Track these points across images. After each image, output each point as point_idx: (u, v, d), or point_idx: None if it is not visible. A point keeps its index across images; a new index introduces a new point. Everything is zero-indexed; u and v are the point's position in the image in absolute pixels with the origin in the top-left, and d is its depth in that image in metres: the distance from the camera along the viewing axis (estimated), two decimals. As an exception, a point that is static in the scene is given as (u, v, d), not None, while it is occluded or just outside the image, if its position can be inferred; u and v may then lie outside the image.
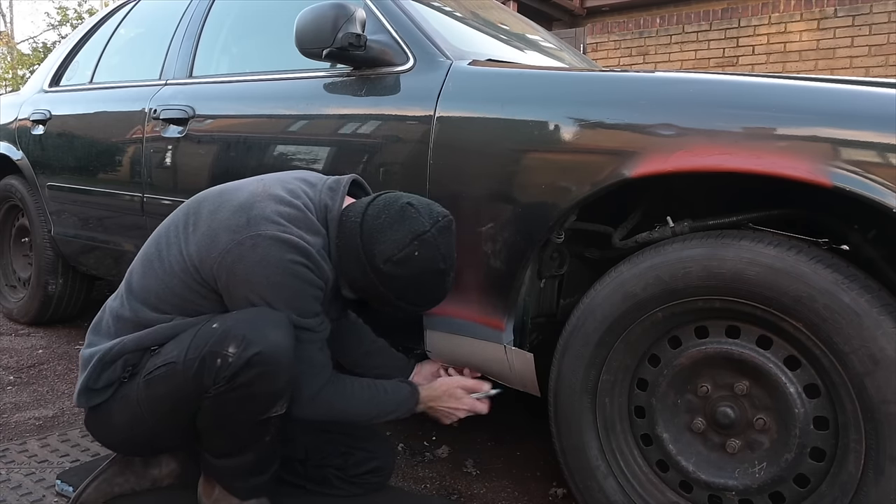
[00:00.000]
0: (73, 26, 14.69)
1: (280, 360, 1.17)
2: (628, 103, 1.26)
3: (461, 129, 1.44)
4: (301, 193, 1.31)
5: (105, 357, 1.27)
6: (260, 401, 1.19)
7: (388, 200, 1.29)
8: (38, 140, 2.66)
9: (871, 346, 1.03)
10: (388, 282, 1.27)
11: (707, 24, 6.03)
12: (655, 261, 1.22)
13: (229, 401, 1.18)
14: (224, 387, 1.16)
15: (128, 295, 1.32)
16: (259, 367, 1.15)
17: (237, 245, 1.20)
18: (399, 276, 1.26)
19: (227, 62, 2.21)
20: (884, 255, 1.20)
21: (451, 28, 1.82)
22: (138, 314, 1.29)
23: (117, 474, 1.41)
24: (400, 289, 1.28)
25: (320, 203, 1.32)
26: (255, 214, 1.22)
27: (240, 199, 1.27)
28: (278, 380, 1.18)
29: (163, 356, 1.24)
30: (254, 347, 1.15)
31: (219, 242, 1.22)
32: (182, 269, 1.26)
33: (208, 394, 1.18)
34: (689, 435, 1.26)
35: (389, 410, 1.39)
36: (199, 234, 1.26)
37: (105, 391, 1.29)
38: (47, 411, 1.98)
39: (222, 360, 1.15)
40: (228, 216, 1.24)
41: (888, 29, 5.28)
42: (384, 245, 1.24)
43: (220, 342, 1.16)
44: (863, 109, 1.07)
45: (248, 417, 1.21)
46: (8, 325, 2.90)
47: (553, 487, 1.59)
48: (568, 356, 1.33)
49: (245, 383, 1.15)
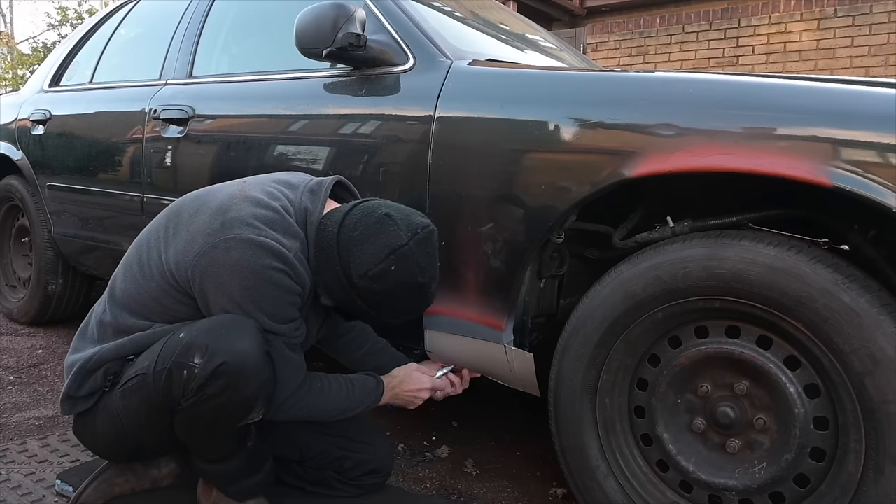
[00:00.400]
0: (73, 26, 14.70)
1: (246, 369, 1.14)
2: (628, 103, 1.26)
3: (461, 129, 1.44)
4: (280, 196, 1.28)
5: (85, 366, 1.27)
6: (232, 410, 1.17)
7: (366, 210, 1.24)
8: (38, 140, 2.66)
9: (871, 346, 1.03)
10: (365, 296, 1.23)
11: (707, 24, 6.03)
12: (655, 261, 1.22)
13: (202, 412, 1.16)
14: (193, 399, 1.15)
15: (110, 301, 1.32)
16: (225, 378, 1.13)
17: (211, 248, 1.18)
18: (376, 290, 1.22)
19: (227, 62, 2.21)
20: (884, 255, 1.20)
21: (450, 28, 1.82)
22: (119, 320, 1.28)
23: (117, 474, 1.41)
24: (377, 303, 1.25)
25: (300, 206, 1.28)
26: (231, 217, 1.20)
27: (216, 203, 1.24)
28: (247, 388, 1.15)
29: (136, 367, 1.23)
30: (218, 358, 1.12)
31: (194, 246, 1.20)
32: (160, 275, 1.24)
33: (180, 406, 1.17)
34: (689, 435, 1.26)
35: (358, 402, 1.37)
36: (178, 238, 1.24)
37: (88, 399, 1.29)
38: (47, 411, 1.98)
39: (188, 371, 1.13)
40: (205, 220, 1.22)
41: (888, 29, 5.28)
42: (360, 259, 1.20)
43: (185, 353, 1.15)
44: (863, 109, 1.07)
45: (226, 426, 1.20)
46: (8, 325, 2.90)
47: (553, 487, 1.59)
48: (568, 356, 1.33)
49: (214, 394, 1.14)
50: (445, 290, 1.46)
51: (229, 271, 1.17)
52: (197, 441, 1.25)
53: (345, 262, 1.22)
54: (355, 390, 1.37)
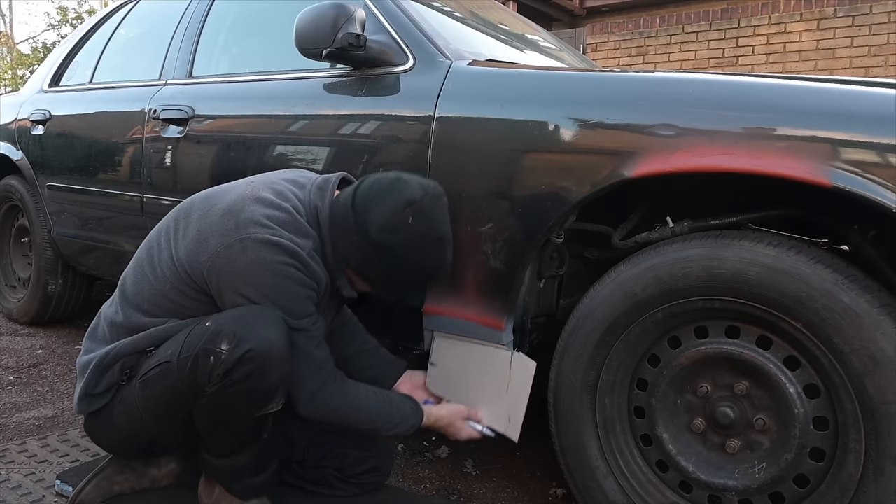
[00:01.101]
0: (73, 26, 14.70)
1: (272, 357, 1.16)
2: (628, 103, 1.26)
3: (461, 130, 1.44)
4: (290, 195, 1.30)
5: (102, 361, 1.28)
6: (255, 397, 1.19)
7: (376, 177, 1.30)
8: (38, 140, 2.66)
9: (871, 346, 1.03)
10: (384, 252, 1.25)
11: (707, 24, 6.03)
12: (655, 261, 1.22)
13: (225, 398, 1.18)
14: (218, 385, 1.16)
15: (122, 301, 1.33)
16: (251, 364, 1.15)
17: (226, 248, 1.20)
18: (395, 245, 1.24)
19: (226, 62, 2.21)
20: (884, 255, 1.20)
21: (450, 28, 1.82)
22: (132, 320, 1.29)
23: (117, 472, 1.41)
24: (397, 258, 1.26)
25: (310, 204, 1.31)
26: (244, 218, 1.22)
27: (228, 203, 1.26)
28: (271, 376, 1.18)
29: (157, 356, 1.24)
30: (246, 344, 1.15)
31: (208, 246, 1.22)
32: (173, 275, 1.26)
33: (204, 392, 1.18)
34: (689, 435, 1.26)
35: (395, 423, 1.38)
36: (188, 238, 1.26)
37: (104, 396, 1.30)
38: (47, 411, 1.97)
39: (215, 357, 1.15)
40: (217, 220, 1.24)
41: (888, 29, 5.28)
42: (377, 214, 1.23)
43: (212, 340, 1.17)
44: (863, 110, 1.07)
45: (245, 415, 1.21)
46: (8, 325, 2.90)
47: (553, 487, 1.59)
48: (568, 356, 1.33)
49: (239, 380, 1.16)
50: (445, 290, 1.46)
51: (245, 270, 1.19)
52: (214, 430, 1.25)
53: (361, 222, 1.25)
54: (392, 407, 1.38)
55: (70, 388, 2.17)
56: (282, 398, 1.23)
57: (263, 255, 1.19)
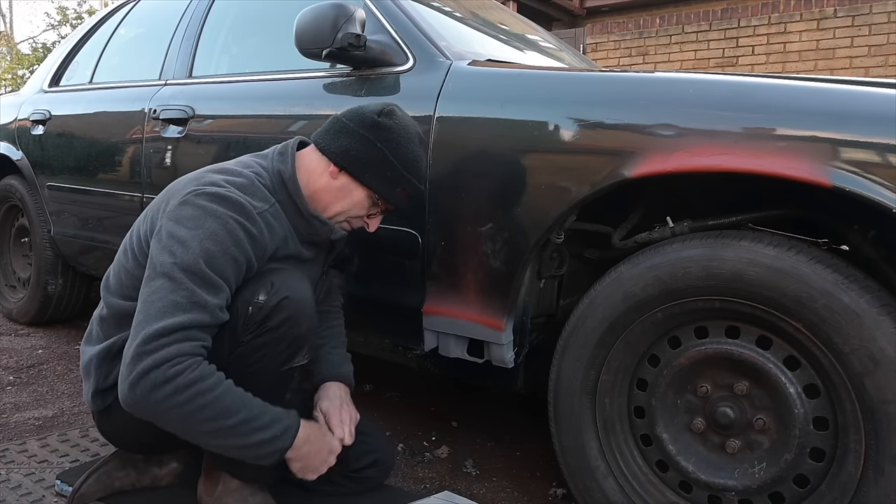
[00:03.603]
0: (73, 26, 14.71)
1: (305, 307, 1.24)
2: (628, 103, 1.26)
3: (461, 130, 1.44)
4: (252, 164, 1.34)
5: (108, 353, 1.29)
6: (284, 346, 1.23)
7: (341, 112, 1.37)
8: (38, 140, 2.66)
9: (871, 346, 1.03)
10: (384, 136, 1.30)
11: (707, 24, 6.04)
12: (655, 261, 1.22)
13: (259, 345, 1.22)
14: (254, 332, 1.21)
15: (105, 296, 1.35)
16: (287, 311, 1.21)
17: (180, 202, 1.22)
18: (392, 126, 1.30)
19: (226, 62, 2.21)
20: (883, 255, 1.20)
21: (450, 28, 1.82)
22: (115, 308, 1.31)
23: (118, 468, 1.41)
24: (395, 143, 1.30)
25: (273, 170, 1.33)
26: (204, 181, 1.26)
27: (191, 176, 1.31)
28: (302, 325, 1.24)
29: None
30: (283, 292, 1.22)
31: (168, 207, 1.25)
32: (139, 249, 1.28)
33: (242, 341, 1.21)
34: (689, 435, 1.26)
35: (263, 423, 1.17)
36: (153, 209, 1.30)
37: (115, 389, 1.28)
38: (47, 411, 1.98)
39: (254, 306, 1.21)
40: (179, 188, 1.28)
41: (888, 29, 5.28)
42: (363, 115, 1.31)
43: (251, 293, 1.21)
44: (862, 110, 1.07)
45: (275, 364, 1.24)
46: (8, 325, 2.90)
47: (553, 487, 1.59)
48: (567, 356, 1.33)
49: (274, 326, 1.21)
50: (445, 290, 1.46)
51: (189, 211, 1.20)
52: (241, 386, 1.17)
53: (356, 116, 1.32)
54: (262, 405, 1.18)
55: (70, 387, 2.17)
56: (307, 352, 1.29)
57: (212, 204, 1.21)
